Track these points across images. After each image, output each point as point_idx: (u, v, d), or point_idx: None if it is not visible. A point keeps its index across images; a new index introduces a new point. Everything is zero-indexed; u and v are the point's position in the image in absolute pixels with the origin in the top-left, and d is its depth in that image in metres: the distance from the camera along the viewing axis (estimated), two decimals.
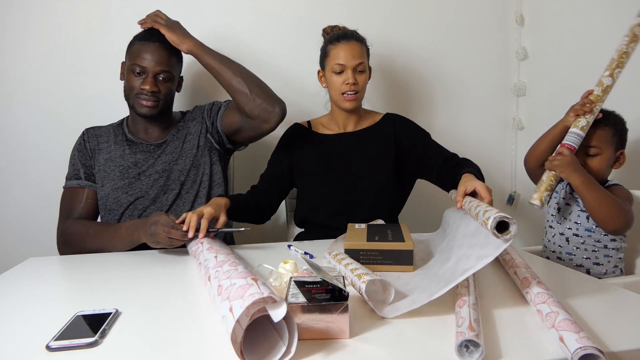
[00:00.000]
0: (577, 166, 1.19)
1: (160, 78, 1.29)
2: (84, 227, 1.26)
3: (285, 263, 0.86)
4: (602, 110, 1.29)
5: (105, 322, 0.71)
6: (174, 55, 1.33)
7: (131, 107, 1.34)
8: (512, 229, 0.74)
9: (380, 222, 1.21)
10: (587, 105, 1.15)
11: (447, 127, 2.04)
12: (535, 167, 1.39)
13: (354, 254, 0.94)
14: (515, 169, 2.10)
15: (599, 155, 1.27)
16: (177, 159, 1.36)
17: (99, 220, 1.38)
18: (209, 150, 1.40)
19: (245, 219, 1.37)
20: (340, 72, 1.37)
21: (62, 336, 0.67)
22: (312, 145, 1.46)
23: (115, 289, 0.90)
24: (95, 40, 1.69)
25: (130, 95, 1.31)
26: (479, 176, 1.16)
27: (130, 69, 1.29)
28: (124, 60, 1.35)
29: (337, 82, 1.38)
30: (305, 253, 1.10)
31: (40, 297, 0.87)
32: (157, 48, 1.28)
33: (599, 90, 1.21)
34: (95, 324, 0.71)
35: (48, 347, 0.64)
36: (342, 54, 1.36)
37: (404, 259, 0.93)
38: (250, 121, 1.29)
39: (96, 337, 0.66)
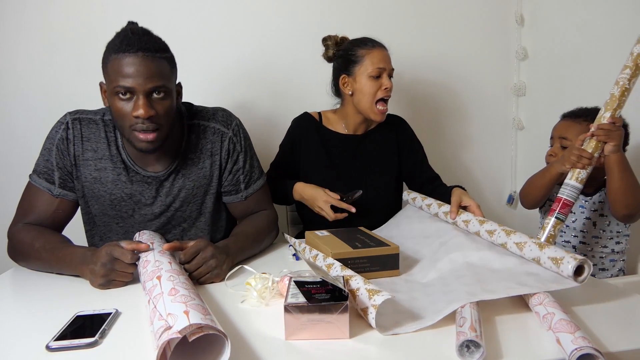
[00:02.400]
0: (621, 142, 1.11)
1: (155, 96, 1.00)
2: (32, 237, 1.03)
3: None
4: (591, 108, 1.29)
5: (105, 322, 0.71)
6: (165, 61, 1.02)
7: (126, 139, 1.06)
8: (587, 272, 0.73)
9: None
10: (586, 160, 1.07)
11: (448, 127, 2.03)
12: (533, 207, 1.38)
13: (341, 263, 0.90)
14: (515, 169, 2.10)
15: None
16: (182, 206, 1.17)
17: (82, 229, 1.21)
18: (216, 197, 1.22)
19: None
20: (378, 77, 1.37)
21: (62, 336, 0.67)
22: (321, 140, 1.47)
23: (115, 289, 0.90)
24: (95, 40, 1.69)
25: (122, 125, 1.02)
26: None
27: (113, 92, 0.99)
28: (102, 81, 1.05)
29: (373, 87, 1.37)
30: (293, 254, 1.11)
31: (40, 297, 0.87)
32: (141, 60, 0.97)
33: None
34: (95, 324, 0.71)
35: (48, 347, 0.64)
36: (380, 57, 1.37)
37: (391, 264, 0.92)
38: None
39: (96, 337, 0.66)
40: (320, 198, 1.29)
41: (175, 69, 1.09)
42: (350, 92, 1.42)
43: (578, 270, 0.74)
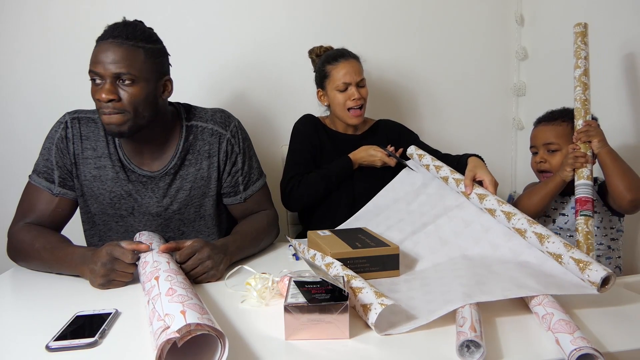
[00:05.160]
0: (606, 139, 1.18)
1: (121, 82, 1.01)
2: (32, 237, 1.04)
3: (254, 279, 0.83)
4: (561, 109, 1.35)
5: (105, 322, 0.71)
6: (139, 50, 1.03)
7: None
8: (611, 283, 0.72)
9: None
10: (582, 158, 1.16)
11: (448, 127, 2.03)
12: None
13: (341, 263, 0.90)
14: (515, 169, 2.10)
15: (559, 152, 1.28)
16: (180, 208, 1.17)
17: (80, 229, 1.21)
18: (216, 200, 1.22)
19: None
20: (345, 90, 1.45)
21: (61, 336, 0.67)
22: (326, 138, 1.53)
23: (115, 289, 0.90)
24: (94, 40, 1.69)
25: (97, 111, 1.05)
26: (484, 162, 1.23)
27: (91, 80, 1.04)
28: None
29: (342, 99, 1.45)
30: (293, 254, 1.10)
31: (40, 297, 0.87)
32: (110, 45, 1.00)
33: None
34: (95, 324, 0.71)
35: (48, 348, 0.64)
36: (344, 71, 1.44)
37: (391, 264, 0.92)
38: None
39: (96, 337, 0.66)
40: (373, 152, 1.43)
41: (156, 61, 1.07)
42: (326, 104, 1.53)
43: (603, 281, 0.73)
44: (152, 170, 1.14)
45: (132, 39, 1.03)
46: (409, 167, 1.31)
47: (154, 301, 0.67)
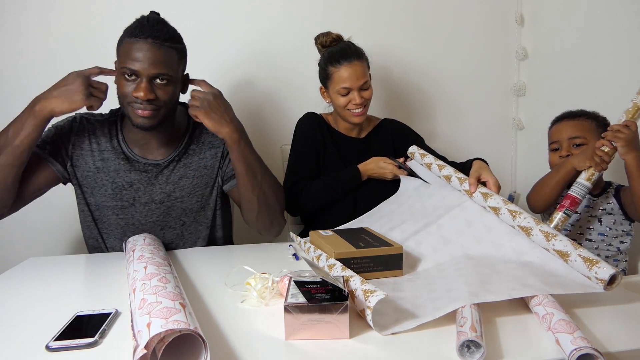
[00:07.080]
0: (638, 144, 1.11)
1: (158, 82, 1.07)
2: None
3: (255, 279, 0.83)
4: (581, 111, 1.32)
5: (105, 322, 0.71)
6: (173, 51, 1.10)
7: (126, 115, 1.13)
8: (617, 282, 0.72)
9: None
10: (605, 164, 1.10)
11: (448, 127, 2.03)
12: (543, 210, 1.33)
13: (344, 262, 0.90)
14: (515, 169, 2.10)
15: (585, 146, 1.25)
16: (183, 197, 1.20)
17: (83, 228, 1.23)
18: (219, 191, 1.26)
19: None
20: (346, 94, 1.40)
21: (61, 336, 0.67)
22: (329, 138, 1.50)
23: (115, 289, 0.89)
24: (95, 40, 1.69)
25: (123, 102, 1.10)
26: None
27: (120, 72, 1.08)
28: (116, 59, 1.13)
29: (343, 102, 1.42)
30: (293, 254, 1.10)
31: (40, 297, 0.87)
32: (149, 46, 1.05)
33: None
34: (94, 324, 0.71)
35: (48, 348, 0.64)
36: (346, 76, 1.38)
37: (394, 264, 0.92)
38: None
39: (96, 337, 0.66)
40: (384, 164, 1.38)
41: (184, 60, 1.17)
42: (328, 102, 1.50)
43: (609, 280, 0.73)
44: (157, 159, 1.19)
45: (169, 39, 1.09)
46: (421, 179, 1.29)
47: (132, 317, 0.66)
